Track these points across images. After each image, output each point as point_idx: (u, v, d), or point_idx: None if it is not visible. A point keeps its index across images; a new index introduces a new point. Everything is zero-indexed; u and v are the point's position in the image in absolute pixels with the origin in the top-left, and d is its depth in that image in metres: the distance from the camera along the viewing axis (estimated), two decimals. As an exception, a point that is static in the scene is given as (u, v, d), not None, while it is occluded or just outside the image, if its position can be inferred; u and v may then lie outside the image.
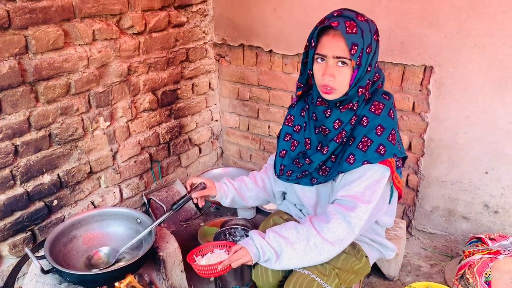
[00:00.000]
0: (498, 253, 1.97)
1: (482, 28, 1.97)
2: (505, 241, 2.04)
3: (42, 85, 1.89)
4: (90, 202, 2.28)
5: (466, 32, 2.01)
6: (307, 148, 1.53)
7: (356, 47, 1.29)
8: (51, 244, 1.65)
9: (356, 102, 1.40)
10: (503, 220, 2.24)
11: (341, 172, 1.42)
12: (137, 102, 2.41)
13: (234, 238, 2.21)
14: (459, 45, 2.05)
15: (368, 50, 1.32)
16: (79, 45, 2.02)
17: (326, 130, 1.46)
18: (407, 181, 2.47)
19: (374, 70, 1.39)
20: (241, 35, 2.76)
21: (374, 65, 1.37)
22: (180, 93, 2.71)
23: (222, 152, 3.30)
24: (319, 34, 1.35)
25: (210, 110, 3.04)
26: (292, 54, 2.57)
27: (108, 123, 2.26)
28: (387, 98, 1.42)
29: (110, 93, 2.22)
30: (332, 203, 1.46)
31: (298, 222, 1.51)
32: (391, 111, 1.41)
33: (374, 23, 1.36)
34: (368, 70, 1.35)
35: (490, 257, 1.96)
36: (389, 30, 2.19)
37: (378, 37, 1.36)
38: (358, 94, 1.38)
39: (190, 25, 2.66)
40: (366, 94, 1.39)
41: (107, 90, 2.20)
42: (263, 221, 1.85)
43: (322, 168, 1.48)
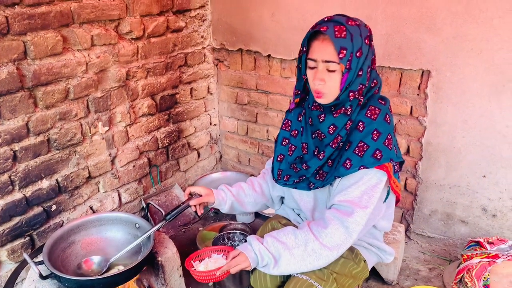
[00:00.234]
0: (497, 256, 1.97)
1: (478, 32, 1.98)
2: (503, 244, 2.04)
3: (41, 90, 1.89)
4: (89, 207, 2.28)
5: (463, 36, 2.02)
6: (304, 152, 1.54)
7: (344, 51, 1.29)
8: (50, 249, 1.65)
9: (349, 107, 1.39)
10: (501, 223, 2.24)
11: (338, 176, 1.43)
12: (135, 107, 2.42)
13: (232, 242, 2.21)
14: (456, 49, 2.06)
15: (358, 54, 1.32)
16: (78, 50, 2.02)
17: (321, 135, 1.46)
18: (406, 185, 2.47)
19: (367, 75, 1.37)
20: (239, 40, 2.76)
21: (367, 69, 1.36)
22: (178, 97, 2.72)
23: (221, 156, 3.30)
24: (310, 39, 1.36)
25: (208, 114, 3.05)
26: (290, 58, 2.58)
27: (106, 128, 2.26)
28: (383, 103, 1.43)
29: (109, 98, 2.23)
30: (329, 208, 1.46)
31: (296, 227, 1.52)
32: (387, 116, 1.41)
33: (368, 28, 1.36)
34: (359, 74, 1.34)
35: (489, 261, 1.96)
36: (386, 35, 2.20)
37: (370, 41, 1.36)
38: (349, 99, 1.37)
39: (188, 30, 2.67)
40: (360, 98, 1.39)
41: (106, 95, 2.21)
42: (261, 225, 1.85)
43: (319, 173, 1.48)
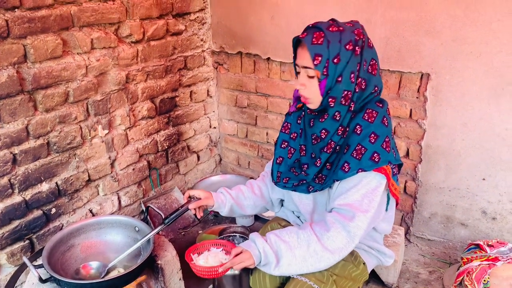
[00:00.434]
0: (497, 259, 1.97)
1: (477, 36, 1.98)
2: (503, 247, 2.04)
3: (41, 93, 1.89)
4: (89, 210, 2.28)
5: (462, 40, 2.03)
6: (302, 154, 1.55)
7: (320, 58, 1.31)
8: (49, 252, 1.65)
9: (337, 113, 1.40)
10: (501, 226, 2.24)
11: (336, 180, 1.43)
12: (135, 110, 2.42)
13: (232, 245, 2.20)
14: (455, 52, 2.06)
15: (335, 60, 1.32)
16: (78, 53, 2.03)
17: (317, 139, 1.47)
18: (405, 187, 2.47)
19: (351, 81, 1.35)
20: (239, 43, 2.77)
21: (349, 75, 1.34)
22: (178, 100, 2.72)
23: (221, 159, 3.30)
24: (297, 45, 1.40)
25: (208, 117, 3.05)
26: (289, 61, 2.59)
27: (106, 131, 2.26)
28: (381, 105, 1.43)
29: (109, 101, 2.23)
30: (330, 211, 1.46)
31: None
32: (385, 119, 1.41)
33: (353, 33, 1.34)
34: (338, 80, 1.34)
35: (489, 263, 1.96)
36: (386, 38, 2.21)
37: (354, 47, 1.33)
38: (330, 105, 1.38)
39: (188, 33, 2.68)
40: (349, 104, 1.38)
41: (106, 98, 2.21)
42: (261, 228, 1.85)
43: (318, 176, 1.49)
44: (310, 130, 1.50)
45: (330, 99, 1.37)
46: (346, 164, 1.39)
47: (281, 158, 1.63)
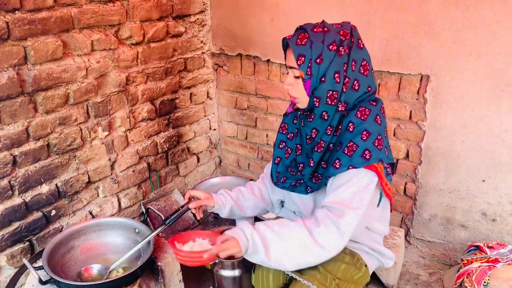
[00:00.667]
0: (497, 261, 1.97)
1: (477, 37, 1.99)
2: (503, 249, 2.04)
3: (41, 95, 1.90)
4: (88, 212, 2.28)
5: (461, 41, 2.03)
6: (298, 154, 1.56)
7: (303, 58, 1.34)
8: (49, 254, 1.65)
9: (325, 113, 1.41)
10: (501, 228, 2.24)
11: (328, 177, 1.43)
12: (135, 111, 2.42)
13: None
14: (455, 54, 2.07)
15: (318, 60, 1.34)
16: (78, 55, 2.03)
17: (310, 139, 1.48)
18: (405, 189, 2.47)
19: (337, 81, 1.36)
20: (239, 45, 2.77)
21: (333, 75, 1.35)
22: (178, 102, 2.72)
23: (220, 161, 3.30)
24: (288, 46, 1.44)
25: (208, 119, 3.05)
26: (289, 63, 2.59)
27: (106, 133, 2.26)
28: (374, 104, 1.43)
29: (109, 103, 2.23)
30: (321, 208, 1.45)
31: None
32: (378, 117, 1.41)
33: (338, 34, 1.35)
34: (321, 80, 1.35)
35: (489, 265, 1.96)
36: (385, 40, 2.21)
37: (338, 47, 1.34)
38: (315, 105, 1.40)
39: (188, 35, 2.68)
40: (335, 104, 1.39)
41: (106, 100, 2.21)
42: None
43: (315, 176, 1.50)
44: (303, 130, 1.52)
45: (315, 99, 1.39)
46: (337, 160, 1.40)
47: (279, 159, 1.65)
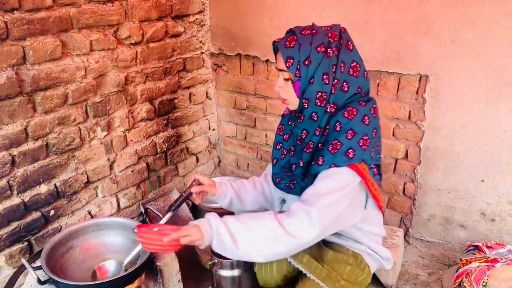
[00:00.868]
0: (495, 261, 1.97)
1: (476, 37, 1.99)
2: (502, 249, 2.04)
3: (40, 95, 1.89)
4: (87, 212, 2.28)
5: (460, 41, 2.03)
6: (291, 155, 1.57)
7: (291, 60, 1.36)
8: (48, 254, 1.64)
9: (314, 114, 1.41)
10: (500, 228, 2.25)
11: (313, 174, 1.44)
12: (134, 111, 2.42)
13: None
14: (454, 54, 2.07)
15: (306, 62, 1.35)
16: (77, 55, 2.03)
17: (300, 140, 1.50)
18: (404, 189, 2.48)
19: (325, 82, 1.37)
20: (238, 45, 2.77)
21: (321, 77, 1.36)
22: (177, 102, 2.72)
23: (220, 161, 3.30)
24: (278, 49, 1.44)
25: (207, 119, 3.05)
26: (288, 63, 2.59)
27: (105, 133, 2.26)
28: (363, 104, 1.42)
29: (108, 103, 2.23)
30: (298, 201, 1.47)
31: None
32: (366, 117, 1.40)
33: (326, 36, 1.36)
34: (310, 82, 1.37)
35: (488, 265, 1.96)
36: (384, 40, 2.21)
37: (326, 49, 1.35)
38: (304, 106, 1.41)
39: (187, 35, 2.68)
40: (325, 106, 1.39)
41: (105, 100, 2.21)
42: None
43: (306, 176, 1.51)
44: (293, 131, 1.54)
45: (304, 100, 1.40)
46: (321, 157, 1.40)
47: (276, 159, 1.66)
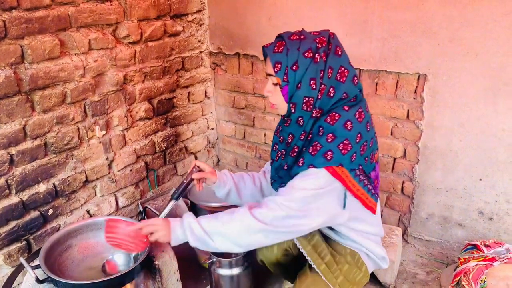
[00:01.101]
0: (493, 259, 1.98)
1: (474, 36, 1.99)
2: (500, 247, 2.05)
3: (38, 94, 1.89)
4: (86, 211, 2.28)
5: (458, 40, 2.03)
6: (282, 158, 1.59)
7: (279, 65, 1.37)
8: (46, 253, 1.64)
9: (300, 118, 1.43)
10: (498, 227, 2.25)
11: (294, 175, 1.45)
12: (133, 110, 2.42)
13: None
14: (452, 53, 2.07)
15: (294, 67, 1.36)
16: (75, 54, 2.03)
17: (287, 144, 1.52)
18: (403, 188, 2.48)
19: (312, 87, 1.38)
20: (236, 44, 2.77)
21: (309, 82, 1.37)
22: (176, 101, 2.72)
23: (218, 160, 3.30)
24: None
25: (206, 118, 3.05)
26: (287, 62, 2.59)
27: (104, 132, 2.26)
28: (347, 109, 1.41)
29: (106, 102, 2.23)
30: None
31: None
32: (348, 122, 1.39)
33: (314, 41, 1.37)
34: (297, 87, 1.38)
35: (486, 264, 1.97)
36: (383, 39, 2.21)
37: (314, 54, 1.36)
38: (291, 111, 1.43)
39: (185, 34, 2.68)
40: (311, 111, 1.41)
41: (103, 99, 2.21)
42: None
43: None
44: (281, 135, 1.57)
45: (292, 105, 1.42)
46: (301, 159, 1.42)
47: (272, 160, 1.68)
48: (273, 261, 1.75)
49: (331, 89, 1.40)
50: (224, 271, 2.05)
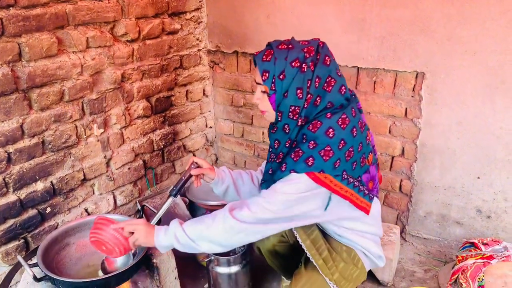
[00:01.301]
0: (491, 257, 1.98)
1: (472, 34, 1.99)
2: (497, 245, 2.05)
3: (36, 92, 1.89)
4: (84, 209, 2.27)
5: (456, 39, 2.04)
6: (270, 162, 1.61)
7: (267, 74, 1.40)
8: (44, 251, 1.65)
9: (287, 126, 1.45)
10: (496, 224, 2.26)
11: (277, 179, 1.46)
12: (131, 109, 2.41)
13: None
14: (450, 51, 2.07)
15: (281, 76, 1.38)
16: (73, 52, 2.02)
17: (274, 150, 1.55)
18: (401, 186, 2.48)
19: (299, 96, 1.39)
20: (235, 42, 2.77)
21: (295, 91, 1.38)
22: (174, 100, 2.72)
23: (217, 158, 3.30)
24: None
25: (204, 116, 3.05)
26: (285, 61, 2.59)
27: (101, 130, 2.25)
28: (329, 116, 1.41)
29: (104, 100, 2.22)
30: None
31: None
32: (330, 130, 1.39)
33: (302, 51, 1.37)
34: (284, 95, 1.40)
35: (483, 261, 1.97)
36: (381, 37, 2.21)
37: (301, 64, 1.37)
38: (278, 119, 1.45)
39: (184, 32, 2.67)
40: (297, 119, 1.42)
41: (101, 97, 2.20)
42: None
43: None
44: (269, 140, 1.59)
45: (279, 113, 1.44)
46: (284, 164, 1.45)
47: (265, 162, 1.69)
48: (269, 248, 1.78)
49: (318, 98, 1.41)
50: (222, 269, 2.05)
